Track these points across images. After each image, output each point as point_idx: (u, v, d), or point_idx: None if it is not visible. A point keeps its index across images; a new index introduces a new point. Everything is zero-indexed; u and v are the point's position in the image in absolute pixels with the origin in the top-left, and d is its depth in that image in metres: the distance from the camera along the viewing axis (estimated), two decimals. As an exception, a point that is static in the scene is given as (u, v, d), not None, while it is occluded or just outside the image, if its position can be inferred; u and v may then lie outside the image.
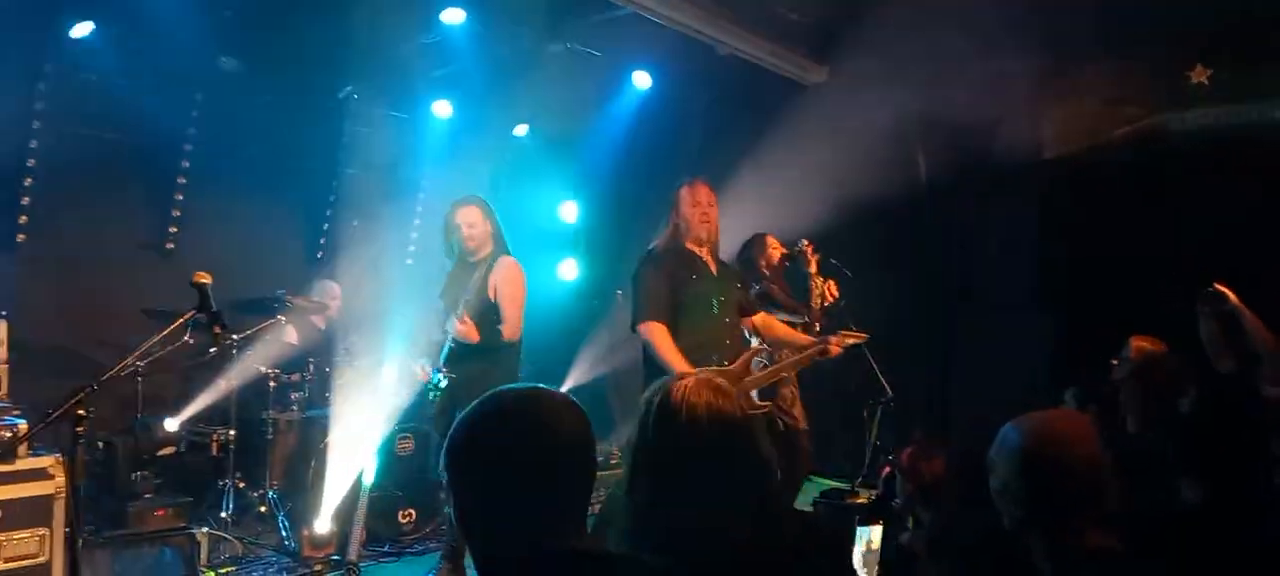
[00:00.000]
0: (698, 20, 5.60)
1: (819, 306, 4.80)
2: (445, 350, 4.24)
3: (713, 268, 4.11)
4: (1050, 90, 5.66)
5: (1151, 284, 4.79)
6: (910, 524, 2.70)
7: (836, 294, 4.98)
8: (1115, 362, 3.82)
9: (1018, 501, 1.84)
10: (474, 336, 4.16)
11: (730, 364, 3.89)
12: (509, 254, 4.44)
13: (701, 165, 6.67)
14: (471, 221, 4.32)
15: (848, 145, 5.60)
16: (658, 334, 3.85)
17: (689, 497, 1.55)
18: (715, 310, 4.01)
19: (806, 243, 5.04)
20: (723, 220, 4.26)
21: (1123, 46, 5.31)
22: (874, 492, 5.09)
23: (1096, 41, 5.35)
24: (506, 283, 4.31)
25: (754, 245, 5.31)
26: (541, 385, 1.51)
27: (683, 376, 1.70)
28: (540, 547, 1.38)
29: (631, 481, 1.60)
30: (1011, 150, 5.61)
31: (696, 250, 4.08)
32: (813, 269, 4.89)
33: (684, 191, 4.11)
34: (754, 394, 3.98)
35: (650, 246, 4.13)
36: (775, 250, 5.27)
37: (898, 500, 2.86)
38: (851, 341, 4.07)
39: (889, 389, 5.55)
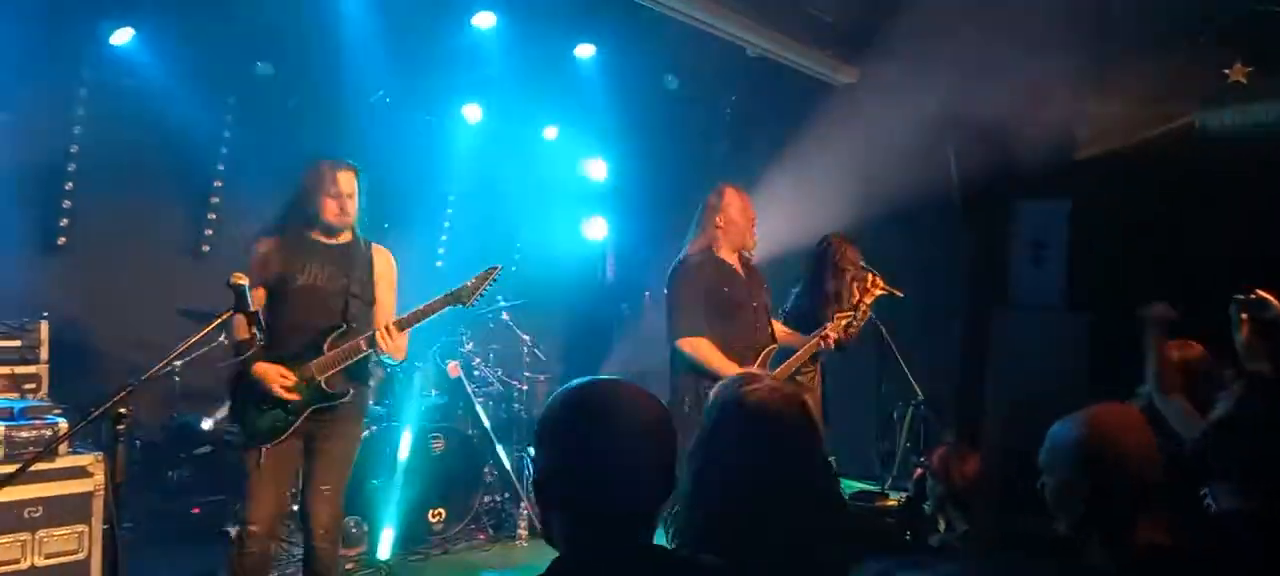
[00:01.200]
0: (726, 21, 5.60)
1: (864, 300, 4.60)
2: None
3: (742, 272, 4.11)
4: (1084, 89, 5.59)
5: (1187, 285, 4.71)
6: (941, 526, 2.68)
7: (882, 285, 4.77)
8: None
9: (1079, 498, 1.80)
10: (401, 353, 3.45)
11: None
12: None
13: (729, 168, 6.66)
14: (351, 190, 3.50)
15: (878, 146, 5.56)
16: (702, 347, 3.85)
17: (753, 500, 1.53)
18: (747, 316, 4.02)
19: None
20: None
21: (1159, 44, 5.23)
22: (904, 495, 5.07)
23: (1132, 39, 5.28)
24: (392, 277, 3.64)
25: (834, 246, 4.94)
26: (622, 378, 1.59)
27: (750, 379, 1.67)
28: (607, 533, 1.44)
29: (696, 483, 1.58)
30: (1045, 150, 5.54)
31: (728, 257, 4.07)
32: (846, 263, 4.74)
33: (732, 194, 4.07)
34: None
35: (682, 254, 4.08)
36: (852, 248, 5.07)
37: (929, 502, 2.84)
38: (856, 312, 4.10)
39: (920, 391, 5.52)
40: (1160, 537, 1.73)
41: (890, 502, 4.88)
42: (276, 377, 3.30)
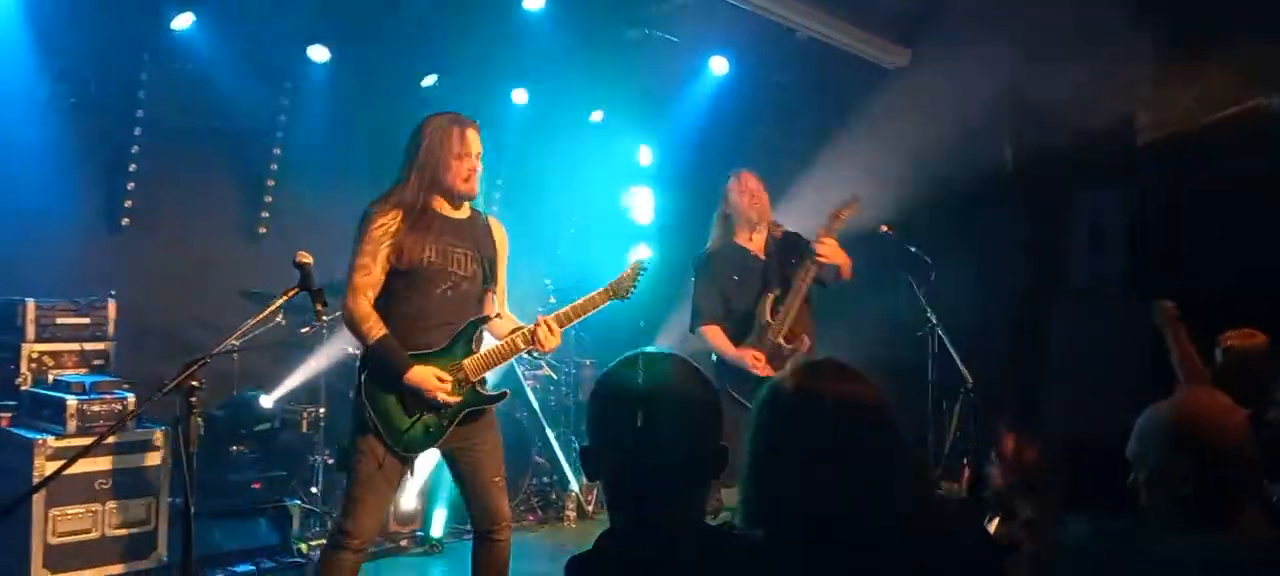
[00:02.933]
0: (775, 3, 5.55)
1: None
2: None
3: (762, 255, 4.19)
4: (1145, 72, 5.45)
5: (1251, 273, 4.60)
6: (1003, 517, 2.63)
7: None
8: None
9: (1181, 480, 1.73)
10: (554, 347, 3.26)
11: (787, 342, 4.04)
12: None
13: (779, 151, 6.62)
14: (480, 151, 3.19)
15: (932, 130, 5.48)
16: (715, 336, 4.12)
17: (823, 482, 1.50)
18: (760, 301, 4.13)
19: (887, 226, 4.97)
20: (800, 207, 4.30)
21: (1222, 26, 5.08)
22: (955, 485, 5.01)
23: (1195, 21, 5.13)
24: (507, 255, 3.34)
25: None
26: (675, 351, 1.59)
27: (821, 369, 1.61)
28: (651, 507, 1.45)
29: (755, 467, 1.56)
30: (1105, 134, 5.41)
31: (746, 243, 4.19)
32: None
33: (730, 184, 4.25)
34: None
35: (700, 252, 4.33)
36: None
37: (988, 492, 2.79)
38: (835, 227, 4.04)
39: (970, 378, 5.44)
40: (1262, 524, 1.68)
41: (942, 492, 4.83)
42: (437, 384, 2.96)
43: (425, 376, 2.94)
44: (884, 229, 4.91)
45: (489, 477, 3.15)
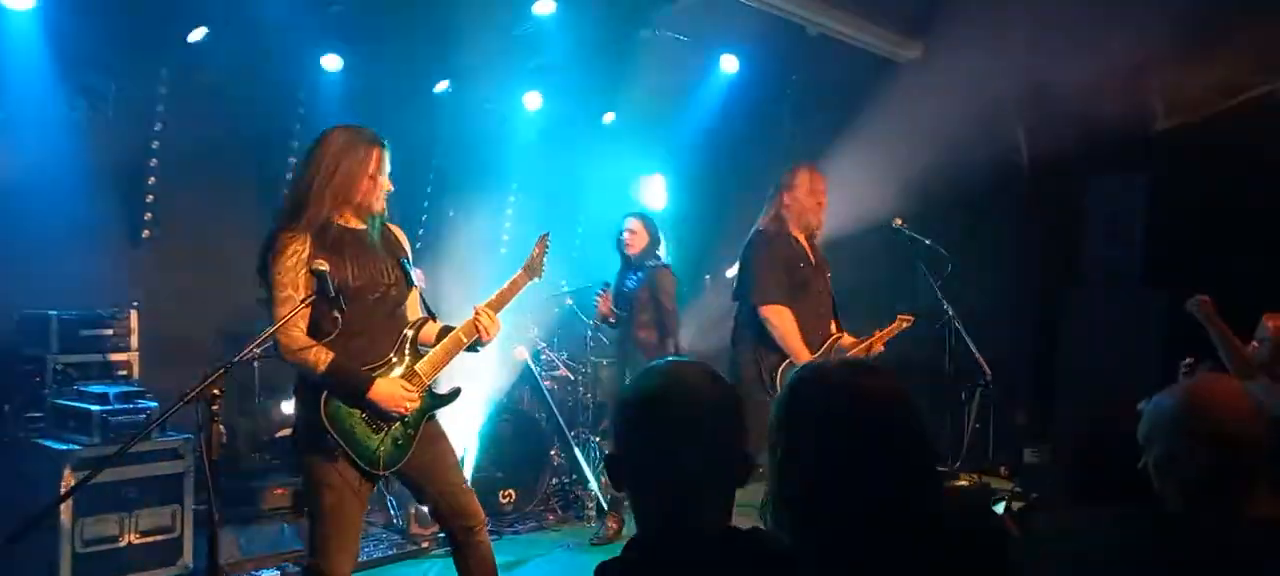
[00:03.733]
0: (786, 0, 5.55)
1: None
2: None
3: (812, 256, 4.11)
4: (1159, 60, 5.41)
5: (1267, 260, 4.56)
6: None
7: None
8: (1255, 344, 3.68)
9: (1192, 465, 1.74)
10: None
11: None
12: None
13: (792, 148, 6.61)
14: (387, 169, 3.09)
15: (945, 122, 5.46)
16: (785, 318, 3.89)
17: (845, 481, 1.48)
18: (814, 297, 4.05)
19: (900, 220, 4.96)
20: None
21: (1236, 14, 5.04)
22: (975, 477, 5.00)
23: (1209, 8, 5.09)
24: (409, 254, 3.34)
25: None
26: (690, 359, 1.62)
27: (860, 366, 1.62)
28: (677, 513, 1.47)
29: (783, 468, 1.55)
30: (1119, 123, 5.38)
31: (797, 235, 4.10)
32: None
33: (803, 174, 4.10)
34: None
35: (759, 227, 4.14)
36: None
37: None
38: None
39: (988, 370, 5.42)
40: (1276, 509, 1.67)
41: (960, 483, 4.82)
42: (403, 393, 2.85)
43: (391, 389, 2.83)
44: (898, 222, 4.90)
45: (454, 481, 3.06)
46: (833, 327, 4.24)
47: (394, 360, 2.92)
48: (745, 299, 4.03)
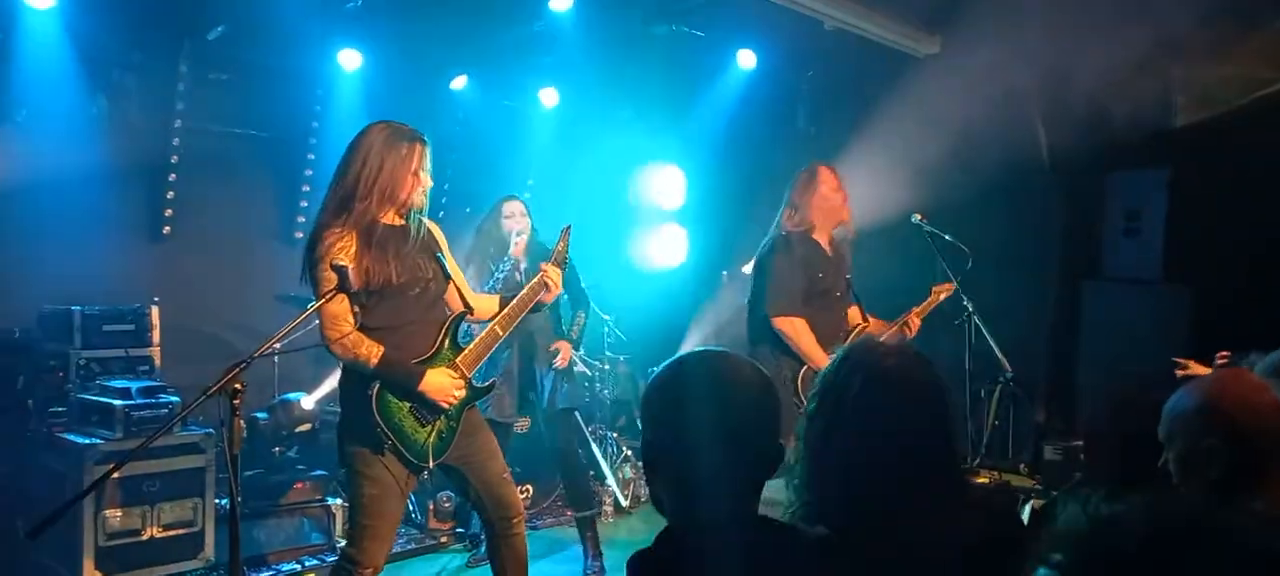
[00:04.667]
0: (802, -7, 5.52)
1: None
2: None
3: (831, 256, 4.10)
4: (1179, 55, 5.35)
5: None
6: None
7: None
8: None
9: (1216, 460, 1.73)
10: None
11: None
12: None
13: (809, 145, 6.59)
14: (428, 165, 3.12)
15: (963, 117, 5.43)
16: (800, 329, 3.86)
17: (882, 473, 1.50)
18: (831, 303, 4.03)
19: (920, 215, 4.93)
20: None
21: (1257, 9, 4.98)
22: (995, 473, 4.98)
23: (1229, 3, 5.03)
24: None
25: None
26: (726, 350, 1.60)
27: (881, 347, 1.64)
28: (711, 503, 1.46)
29: (816, 455, 1.55)
30: (1138, 119, 5.32)
31: (820, 238, 4.07)
32: None
33: (822, 175, 4.04)
34: None
35: (780, 231, 4.07)
36: None
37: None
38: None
39: (1008, 366, 5.39)
40: None
41: (981, 479, 4.80)
42: (451, 385, 2.93)
43: (440, 380, 2.90)
44: (917, 218, 4.87)
45: (498, 471, 3.12)
46: (855, 315, 4.22)
47: (436, 352, 2.98)
48: (759, 306, 3.99)
